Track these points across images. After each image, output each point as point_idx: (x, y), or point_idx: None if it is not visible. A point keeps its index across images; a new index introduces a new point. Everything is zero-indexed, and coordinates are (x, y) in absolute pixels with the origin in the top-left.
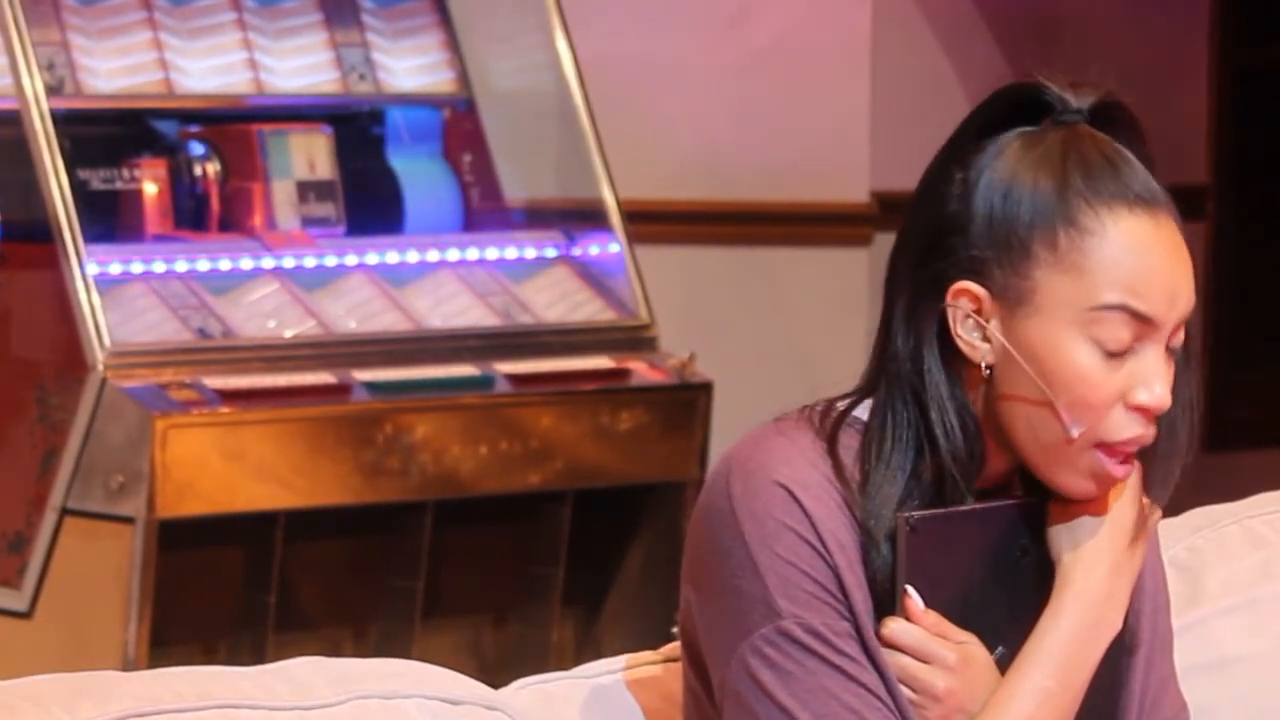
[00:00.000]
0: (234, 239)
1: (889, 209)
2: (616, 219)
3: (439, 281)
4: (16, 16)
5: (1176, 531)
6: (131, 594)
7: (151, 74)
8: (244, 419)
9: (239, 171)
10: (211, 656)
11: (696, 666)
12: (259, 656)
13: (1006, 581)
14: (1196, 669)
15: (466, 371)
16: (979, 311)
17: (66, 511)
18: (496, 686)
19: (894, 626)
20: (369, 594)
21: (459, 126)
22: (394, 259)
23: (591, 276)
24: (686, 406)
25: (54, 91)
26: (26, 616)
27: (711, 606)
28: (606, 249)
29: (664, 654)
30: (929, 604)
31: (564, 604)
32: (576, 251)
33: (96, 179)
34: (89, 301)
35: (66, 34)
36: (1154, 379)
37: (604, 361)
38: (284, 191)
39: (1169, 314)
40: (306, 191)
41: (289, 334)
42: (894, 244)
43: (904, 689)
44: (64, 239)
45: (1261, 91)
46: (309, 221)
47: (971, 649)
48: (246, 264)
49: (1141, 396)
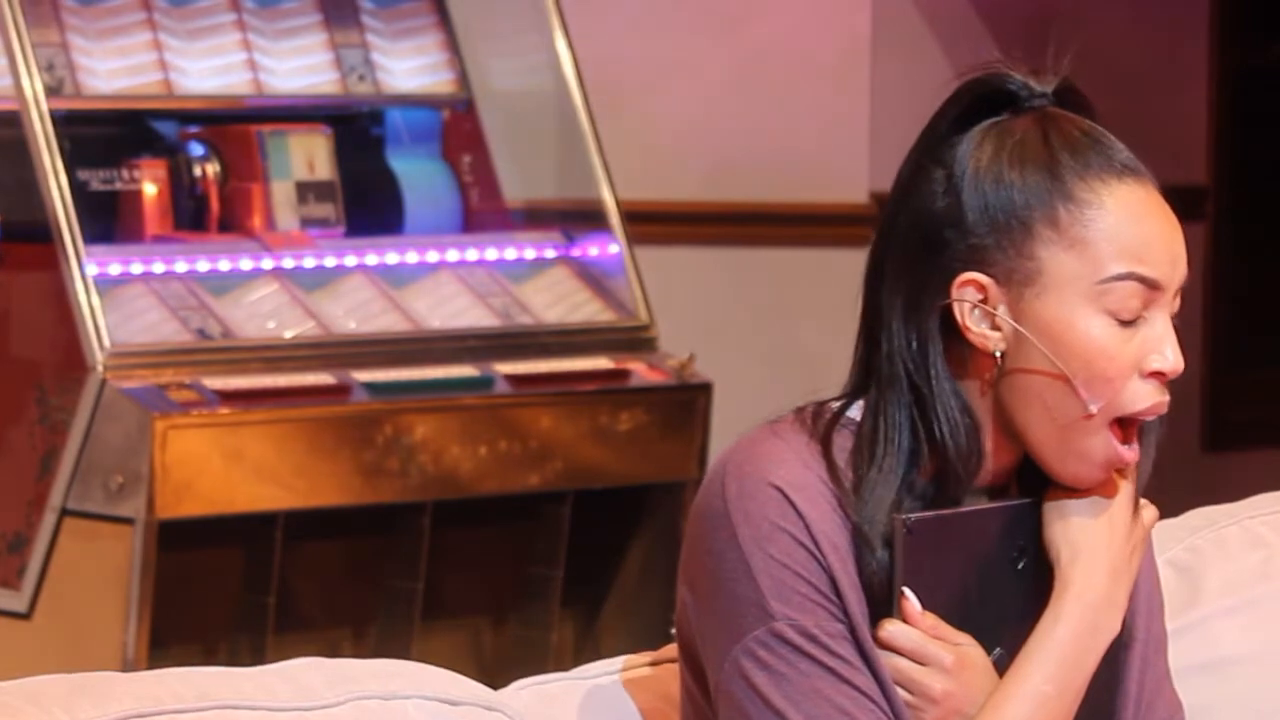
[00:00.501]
0: (233, 239)
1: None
2: (616, 219)
3: (438, 282)
4: (16, 17)
5: (1176, 532)
6: (131, 595)
7: (151, 75)
8: (244, 420)
9: (238, 172)
10: (211, 657)
11: (693, 667)
12: (258, 657)
13: (1004, 583)
14: (1195, 669)
15: (466, 372)
16: (985, 300)
17: (66, 512)
18: (496, 687)
19: (891, 628)
20: (368, 594)
21: (458, 127)
22: (393, 259)
23: (591, 277)
24: (686, 407)
25: (53, 92)
26: (26, 617)
27: (706, 608)
28: (606, 249)
29: (663, 655)
30: (926, 606)
31: (563, 605)
32: (576, 252)
33: (96, 179)
34: (88, 302)
35: (66, 34)
36: (1166, 344)
37: (603, 362)
38: (283, 192)
39: (1172, 277)
40: (306, 192)
41: (288, 335)
42: (873, 248)
43: (901, 691)
44: (63, 239)
45: (1261, 92)
46: (308, 222)
47: (969, 651)
48: (246, 264)
49: (1156, 362)
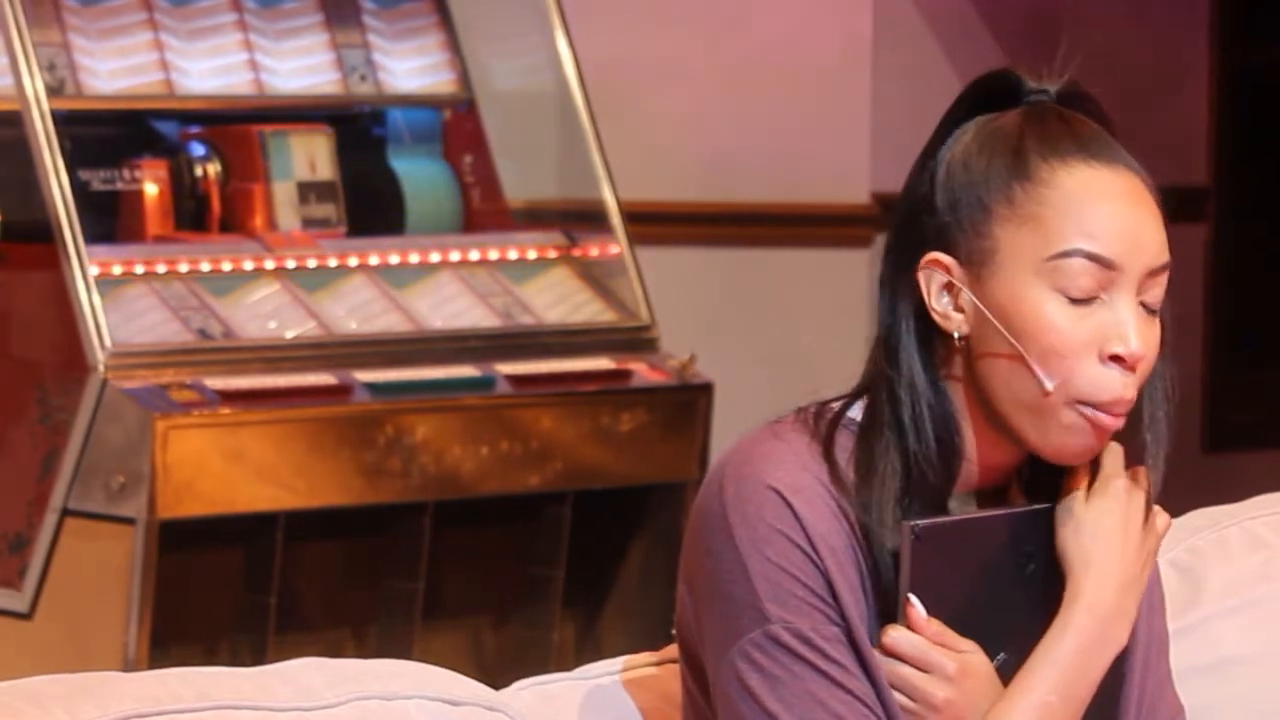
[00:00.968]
0: (235, 240)
1: (890, 210)
2: (617, 220)
3: (439, 282)
4: (17, 17)
5: (1177, 533)
6: (132, 595)
7: (152, 75)
8: (245, 420)
9: (240, 172)
10: (212, 657)
11: (693, 667)
12: (259, 657)
13: (1011, 588)
14: (1197, 670)
15: (467, 372)
16: (949, 282)
17: (67, 512)
18: (497, 687)
19: (894, 635)
20: (369, 595)
21: (460, 127)
22: (395, 260)
23: (592, 277)
24: (687, 407)
25: (55, 92)
26: (27, 617)
27: (704, 609)
28: (607, 250)
29: (664, 655)
30: (932, 611)
31: (564, 605)
32: (577, 252)
33: (97, 180)
34: (90, 302)
35: (67, 34)
36: (1125, 328)
37: (605, 362)
38: (285, 192)
39: (1131, 258)
40: (307, 192)
41: (290, 335)
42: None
43: (903, 698)
44: (65, 240)
45: (1262, 92)
46: (310, 222)
47: (972, 658)
48: (247, 265)
49: (1115, 347)
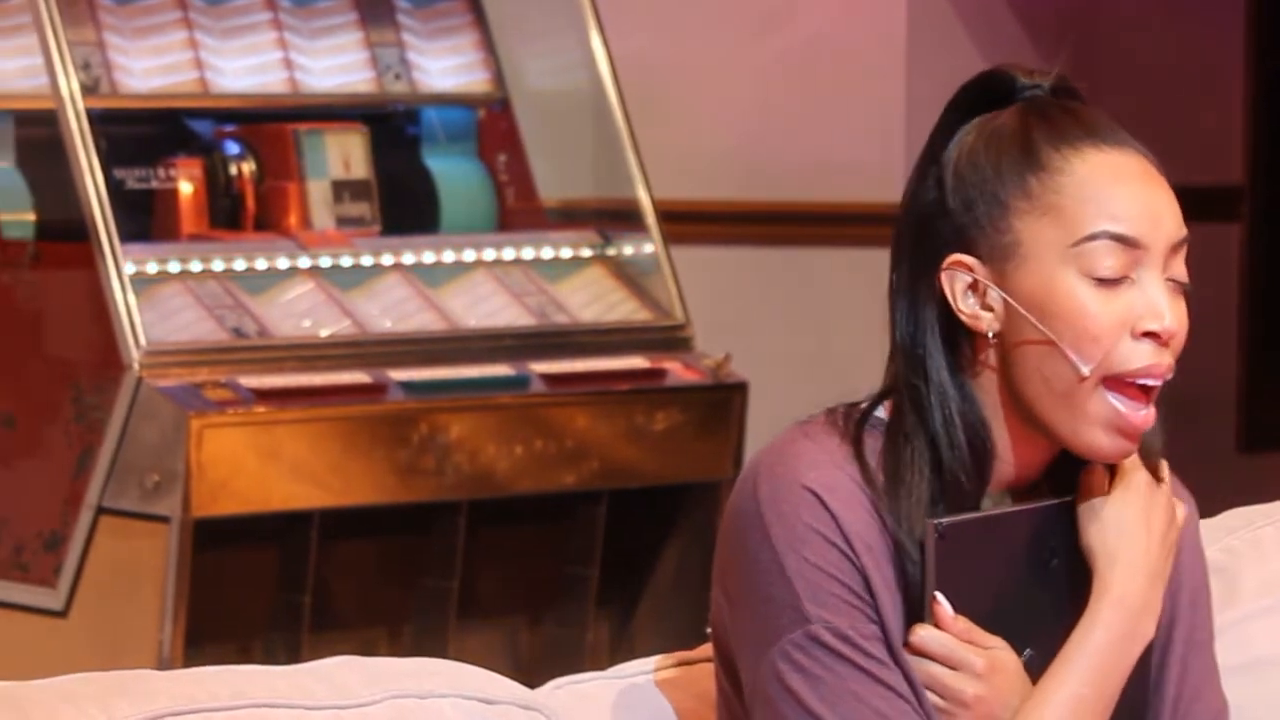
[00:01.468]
0: (269, 238)
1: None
2: (652, 219)
3: (474, 281)
4: (52, 16)
5: (1212, 533)
6: (167, 593)
7: (187, 73)
8: (279, 418)
9: (274, 171)
10: (246, 656)
11: (727, 667)
12: (294, 656)
13: (1035, 583)
14: (1231, 670)
15: (501, 371)
16: (974, 281)
17: (102, 510)
18: (531, 686)
19: (922, 633)
20: (404, 594)
21: (494, 126)
22: (429, 258)
23: (627, 276)
24: (721, 406)
25: (89, 91)
26: (62, 615)
27: (741, 610)
28: (641, 249)
29: (698, 654)
30: (958, 608)
31: (599, 604)
32: (611, 251)
33: (132, 178)
34: (124, 301)
35: (102, 33)
36: (1158, 305)
37: (639, 361)
38: (319, 191)
39: (1154, 235)
40: (342, 191)
41: (324, 333)
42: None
43: (933, 696)
44: (99, 238)
45: None
46: (344, 221)
47: (1000, 655)
48: (282, 263)
49: (1149, 324)
